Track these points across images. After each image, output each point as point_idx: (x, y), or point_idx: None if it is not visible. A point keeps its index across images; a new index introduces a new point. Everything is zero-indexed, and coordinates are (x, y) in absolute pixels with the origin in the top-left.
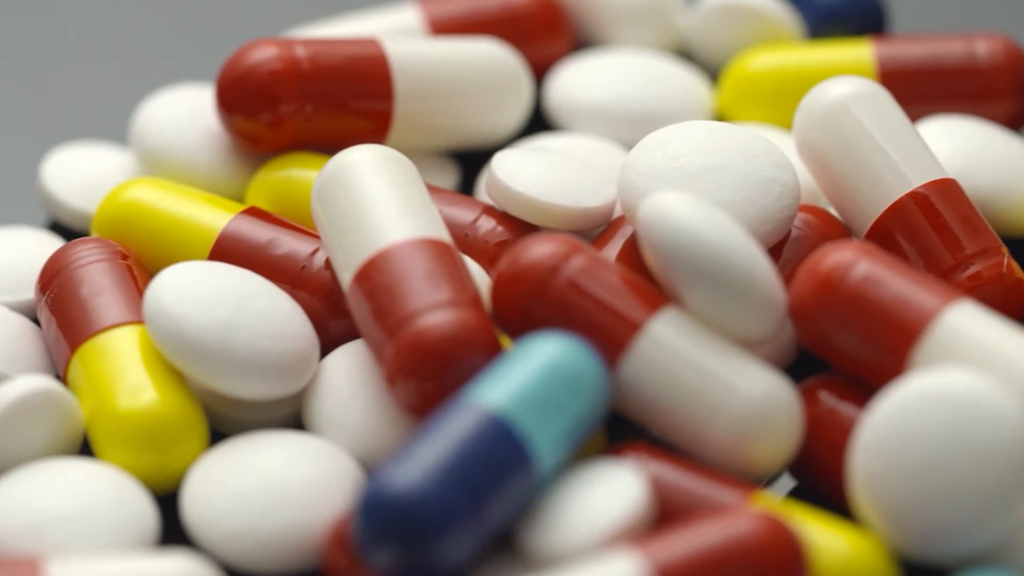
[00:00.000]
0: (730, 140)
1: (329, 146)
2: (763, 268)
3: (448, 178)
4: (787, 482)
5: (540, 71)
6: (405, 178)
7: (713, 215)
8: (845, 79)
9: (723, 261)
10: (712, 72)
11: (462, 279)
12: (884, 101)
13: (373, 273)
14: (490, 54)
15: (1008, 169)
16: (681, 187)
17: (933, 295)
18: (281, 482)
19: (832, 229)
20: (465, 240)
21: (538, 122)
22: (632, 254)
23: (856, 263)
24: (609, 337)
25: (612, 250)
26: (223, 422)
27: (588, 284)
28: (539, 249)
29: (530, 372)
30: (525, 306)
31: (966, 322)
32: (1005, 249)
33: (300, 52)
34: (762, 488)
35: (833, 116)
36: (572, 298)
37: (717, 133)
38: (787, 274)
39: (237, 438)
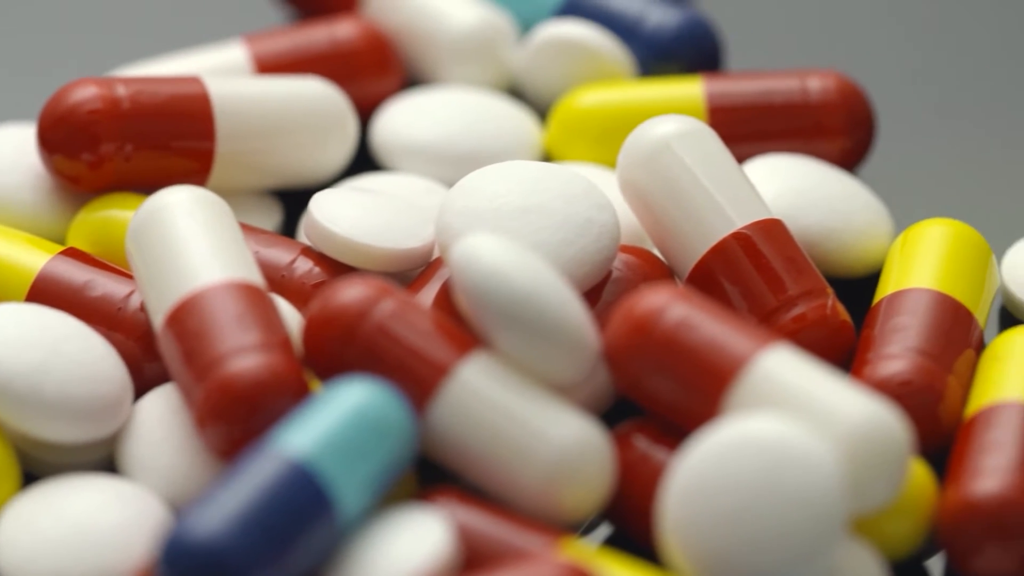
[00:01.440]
0: (550, 181)
1: (151, 186)
2: (574, 311)
3: (272, 218)
4: (605, 528)
5: (370, 109)
6: (219, 220)
7: (523, 258)
8: (669, 118)
9: (532, 305)
10: (543, 110)
11: (272, 322)
12: (708, 140)
13: (183, 316)
14: (314, 92)
15: (838, 209)
16: (498, 228)
17: (747, 339)
18: (90, 526)
19: (654, 270)
20: (282, 282)
21: (366, 161)
22: (448, 297)
23: (669, 307)
24: (418, 382)
25: (428, 293)
26: (37, 464)
27: (397, 328)
28: (348, 293)
29: (334, 417)
30: (335, 350)
31: (779, 367)
32: (830, 291)
33: (121, 91)
34: (574, 535)
35: (655, 155)
36: (381, 342)
37: (537, 174)
38: (606, 316)
39: (50, 480)
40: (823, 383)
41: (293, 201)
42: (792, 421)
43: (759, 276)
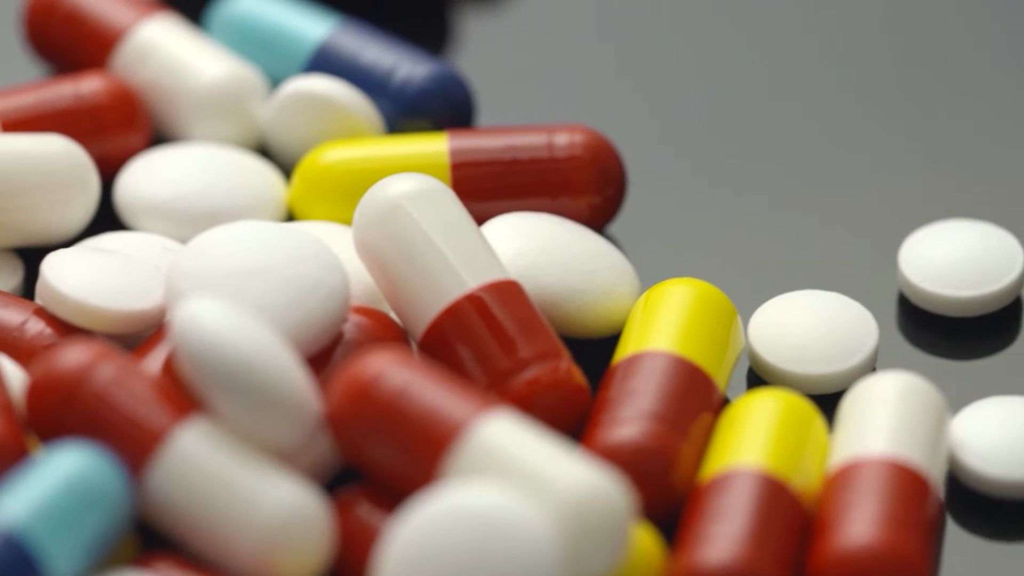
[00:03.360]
0: (279, 242)
1: None
2: (293, 376)
3: (13, 276)
4: None
5: (117, 166)
6: None
7: (242, 322)
8: (404, 177)
9: (249, 370)
10: (290, 166)
11: None
12: (444, 199)
13: None
14: (55, 150)
15: (579, 269)
16: (223, 291)
17: (466, 405)
18: None
19: (387, 332)
20: (13, 343)
21: (110, 219)
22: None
23: (389, 372)
24: (135, 448)
25: (156, 356)
26: None
27: (114, 393)
28: (66, 357)
29: (47, 483)
30: (55, 414)
31: (498, 434)
32: (565, 353)
33: None
34: None
35: (389, 215)
36: (99, 408)
37: (267, 234)
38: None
39: None
40: (542, 451)
41: (36, 259)
42: (508, 490)
43: (492, 338)
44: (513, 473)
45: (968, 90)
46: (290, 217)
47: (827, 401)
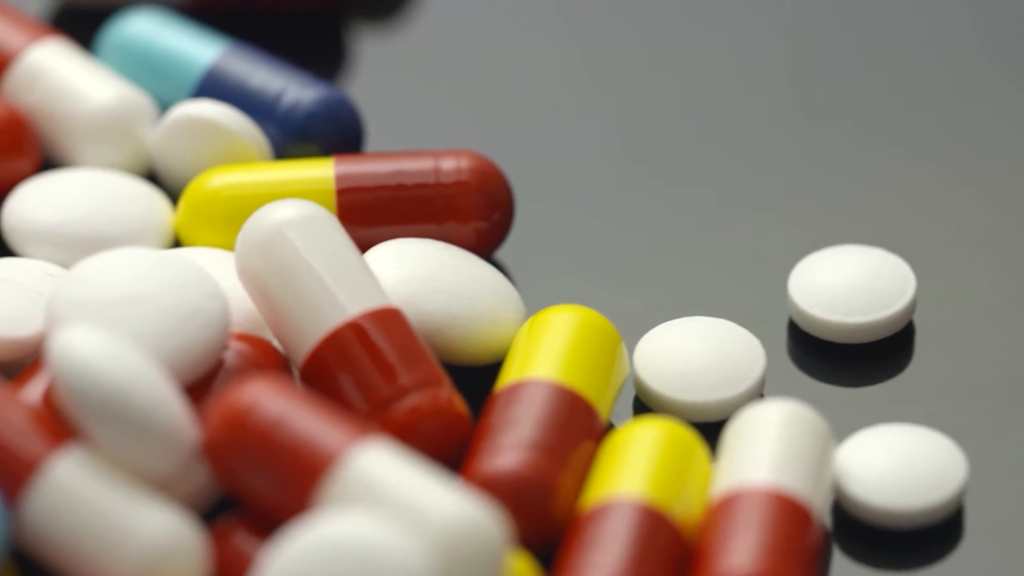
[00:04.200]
0: (160, 269)
1: None
2: (167, 404)
3: None
4: None
5: (5, 192)
6: None
7: (118, 350)
8: (286, 203)
9: (124, 398)
10: (178, 192)
11: None
12: (326, 226)
13: None
14: None
15: (462, 295)
16: (102, 318)
17: (341, 434)
18: None
19: (268, 360)
20: None
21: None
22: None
23: (264, 400)
24: (11, 476)
25: (36, 383)
26: None
27: None
28: None
29: None
30: None
31: (372, 463)
32: (446, 381)
33: None
34: None
35: (270, 242)
36: None
37: (148, 261)
38: None
39: None
40: (416, 480)
41: None
42: (381, 520)
43: (372, 366)
44: (387, 503)
45: (860, 117)
46: (177, 243)
47: (715, 429)
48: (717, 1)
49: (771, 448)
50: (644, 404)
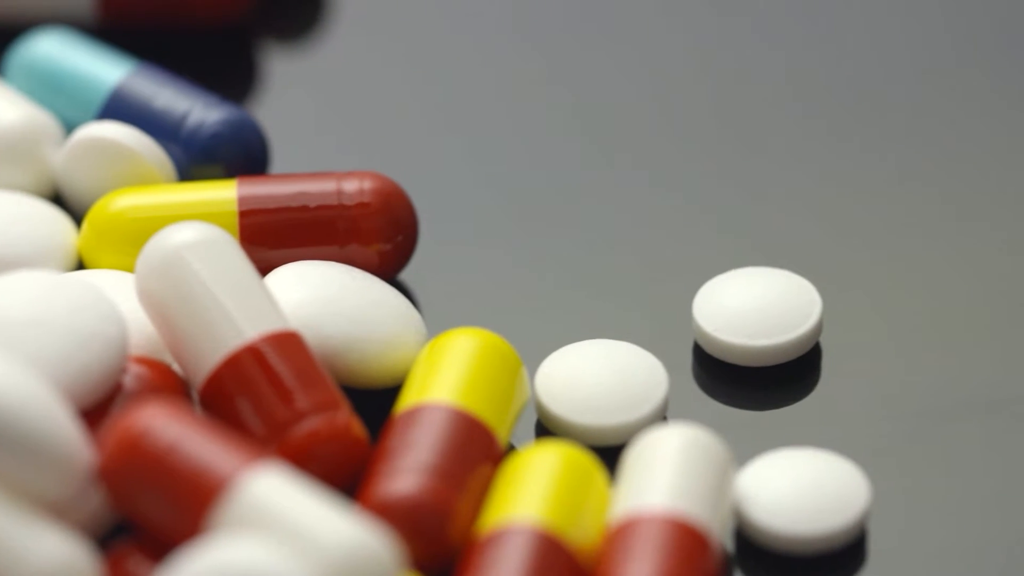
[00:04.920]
0: (57, 291)
1: None
2: (61, 428)
3: None
4: None
5: None
6: None
7: (10, 372)
8: (185, 226)
9: (15, 421)
10: (83, 214)
11: None
12: (225, 249)
13: None
14: None
15: (362, 319)
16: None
17: (234, 459)
18: None
19: (167, 383)
20: None
21: None
22: None
23: (157, 424)
24: None
25: None
26: None
27: None
28: None
29: None
30: None
31: (265, 488)
32: (344, 404)
33: None
34: None
35: (169, 265)
36: None
37: (45, 284)
38: None
39: None
40: (309, 505)
41: None
42: (271, 545)
43: (270, 389)
44: (279, 528)
45: (765, 138)
46: (81, 265)
47: (618, 453)
48: (622, 25)
49: (669, 473)
50: (546, 428)
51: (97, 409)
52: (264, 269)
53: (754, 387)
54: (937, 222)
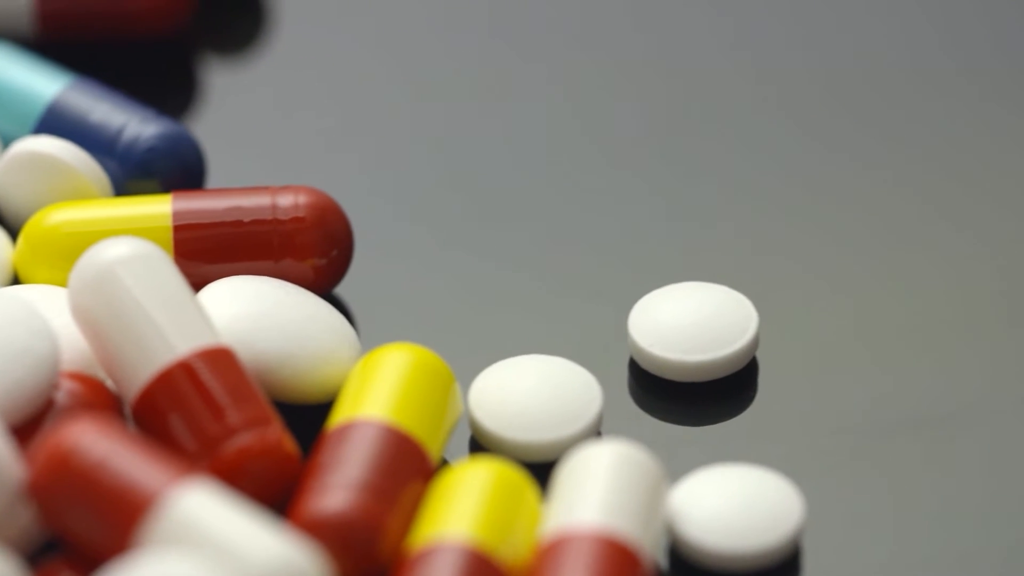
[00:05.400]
0: None
1: None
2: None
3: None
4: None
5: None
6: None
7: None
8: (118, 241)
9: None
10: (19, 228)
11: None
12: (157, 264)
13: None
14: None
15: (295, 334)
16: None
17: (163, 475)
18: None
19: (100, 399)
20: None
21: None
22: None
23: (86, 440)
24: None
25: None
26: None
27: None
28: None
29: None
30: None
31: (194, 504)
32: (276, 420)
33: None
34: None
35: (101, 280)
36: None
37: None
38: None
39: None
40: (237, 522)
41: None
42: (199, 561)
43: (201, 405)
44: (207, 544)
45: (700, 154)
46: (16, 280)
47: (552, 469)
48: (550, 47)
49: (601, 490)
50: (480, 444)
51: (29, 425)
52: (199, 284)
53: (690, 403)
54: (871, 238)
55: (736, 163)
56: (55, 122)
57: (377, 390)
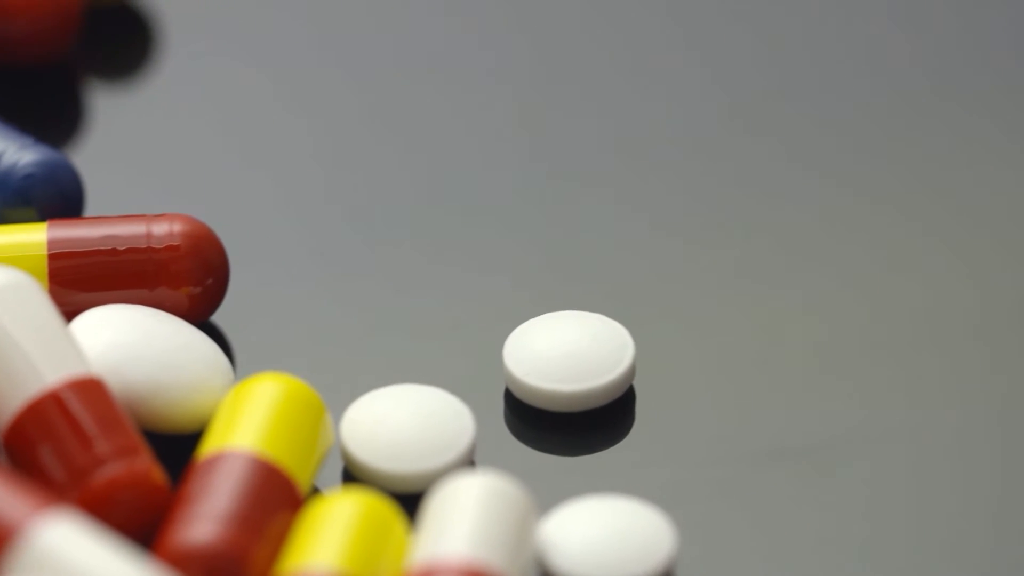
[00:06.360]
0: None
1: None
2: None
3: None
4: None
5: None
6: None
7: None
8: None
9: None
10: None
11: None
12: (28, 293)
13: None
14: None
15: (167, 363)
16: None
17: (25, 508)
18: None
19: None
20: None
21: None
22: None
23: None
24: None
25: None
26: None
27: None
28: None
29: None
30: None
31: (56, 537)
32: (144, 450)
33: None
34: None
35: None
36: None
37: None
38: None
39: None
40: (99, 554)
41: None
42: None
43: (71, 435)
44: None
45: (578, 183)
46: None
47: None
48: (444, 64)
49: (469, 521)
50: (352, 474)
51: None
52: (75, 312)
53: (565, 433)
54: (749, 268)
55: (615, 191)
56: None
57: (246, 421)
